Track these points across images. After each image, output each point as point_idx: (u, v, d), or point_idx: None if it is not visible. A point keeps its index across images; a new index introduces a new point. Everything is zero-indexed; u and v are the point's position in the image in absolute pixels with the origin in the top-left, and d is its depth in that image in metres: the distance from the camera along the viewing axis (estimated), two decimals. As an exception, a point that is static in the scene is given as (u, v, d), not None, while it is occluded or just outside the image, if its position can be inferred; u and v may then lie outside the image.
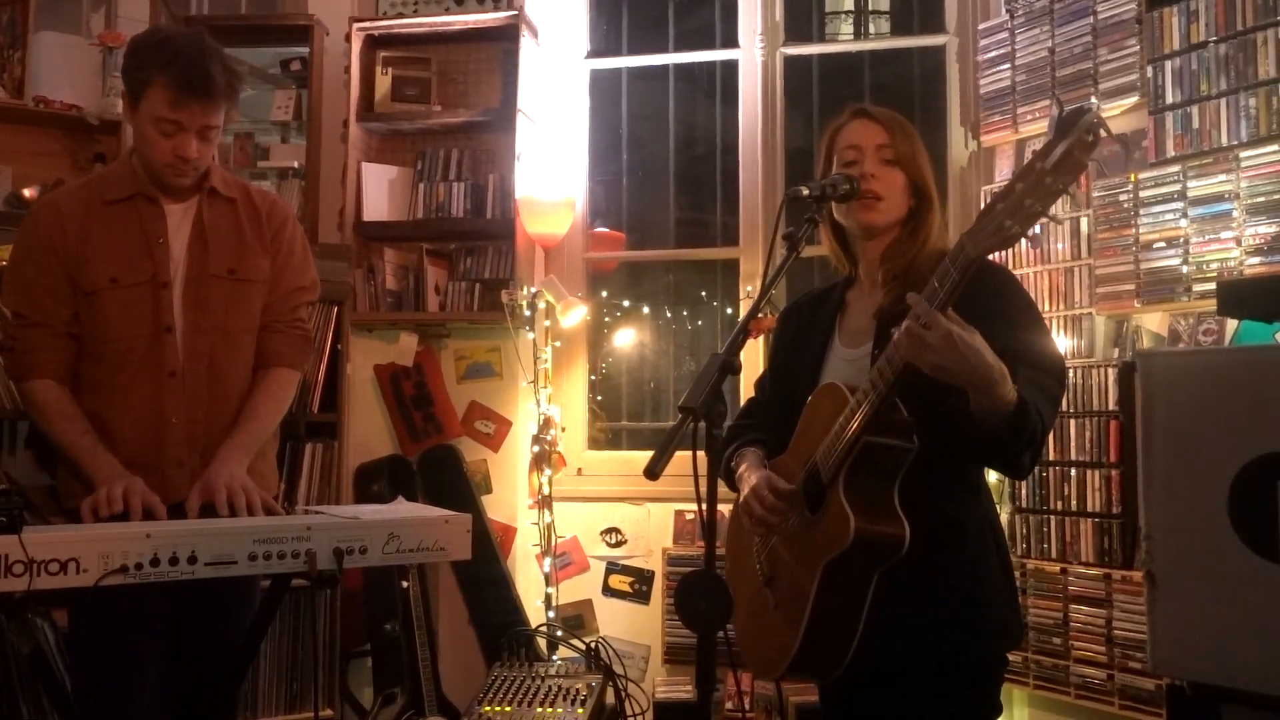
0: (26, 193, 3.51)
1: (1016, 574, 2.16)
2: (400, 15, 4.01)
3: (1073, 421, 3.09)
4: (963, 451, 1.77)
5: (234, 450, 2.18)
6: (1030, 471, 1.74)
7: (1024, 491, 3.25)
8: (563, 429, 3.84)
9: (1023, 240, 1.51)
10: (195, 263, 2.22)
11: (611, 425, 4.61)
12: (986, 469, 1.92)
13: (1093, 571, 3.05)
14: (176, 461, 2.17)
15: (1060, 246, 3.27)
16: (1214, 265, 2.87)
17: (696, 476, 1.60)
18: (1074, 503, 3.10)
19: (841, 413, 1.72)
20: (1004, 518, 3.15)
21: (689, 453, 1.60)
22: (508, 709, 3.07)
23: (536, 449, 3.73)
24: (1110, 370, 3.04)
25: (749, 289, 3.91)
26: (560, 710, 3.05)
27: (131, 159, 2.24)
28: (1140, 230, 3.04)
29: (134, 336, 2.17)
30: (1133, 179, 3.06)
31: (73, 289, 2.16)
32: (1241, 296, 1.96)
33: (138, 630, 2.09)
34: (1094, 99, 3.19)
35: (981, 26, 3.60)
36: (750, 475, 1.90)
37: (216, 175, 2.29)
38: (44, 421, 2.15)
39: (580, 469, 3.99)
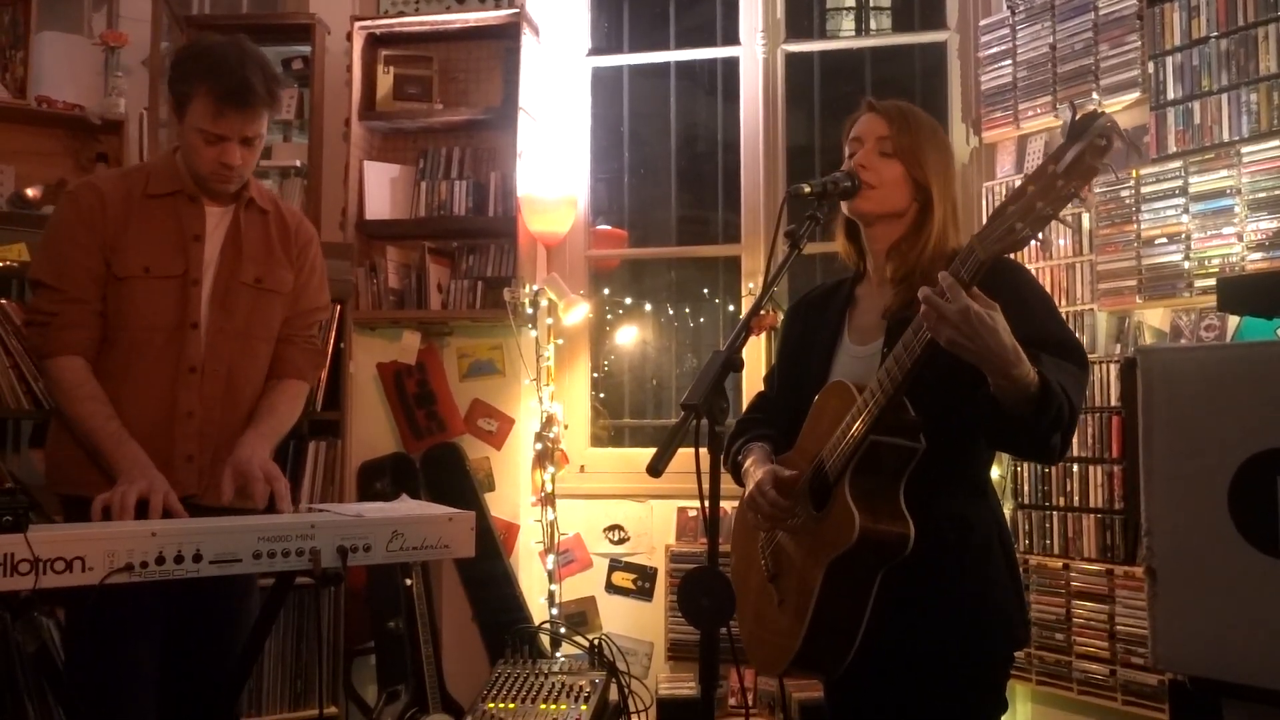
0: (29, 192, 3.52)
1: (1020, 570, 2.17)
2: (401, 14, 4.02)
3: (1075, 417, 3.09)
4: (990, 440, 1.77)
5: (258, 438, 2.22)
6: (1063, 455, 1.72)
7: (1026, 487, 3.25)
8: (565, 426, 3.85)
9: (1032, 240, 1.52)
10: (226, 267, 2.27)
11: (614, 422, 4.61)
12: (990, 469, 1.93)
13: (1095, 567, 3.05)
14: (186, 456, 2.19)
15: (1062, 243, 3.27)
16: (1215, 261, 2.87)
17: (699, 473, 1.61)
18: (1076, 498, 3.10)
19: (849, 411, 1.73)
20: (1006, 513, 3.16)
21: (691, 450, 1.61)
22: (511, 706, 3.07)
23: (539, 446, 3.73)
24: (1112, 366, 3.04)
25: (751, 286, 3.91)
26: (564, 707, 3.05)
27: (175, 156, 2.28)
28: (1142, 226, 3.05)
29: (156, 328, 2.19)
30: (1134, 175, 3.06)
31: (106, 271, 2.18)
32: (1241, 293, 1.96)
33: (135, 628, 2.10)
34: (1095, 95, 3.19)
35: (983, 23, 3.60)
36: (756, 470, 1.90)
37: (254, 186, 2.34)
38: (68, 401, 2.15)
39: (583, 466, 3.99)
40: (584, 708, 3.05)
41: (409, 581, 3.45)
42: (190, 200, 2.25)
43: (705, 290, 5.65)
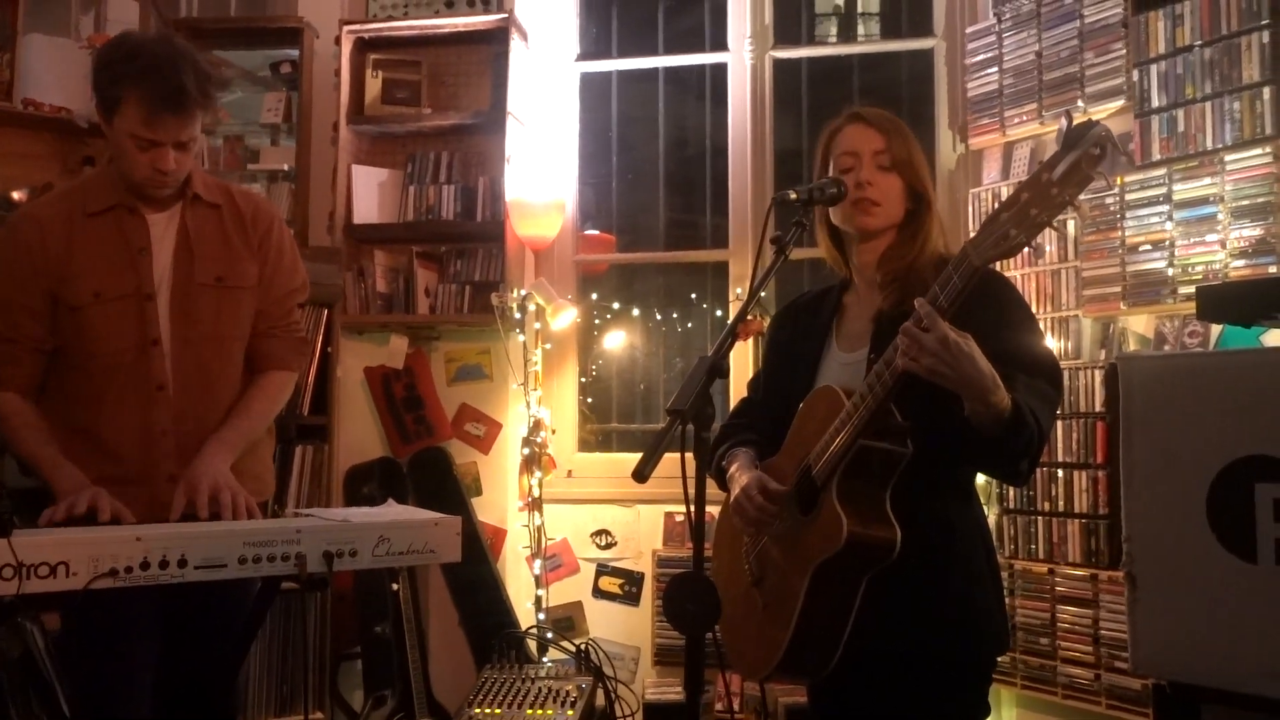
0: (15, 195, 3.51)
1: (1004, 575, 2.19)
2: (390, 18, 4.02)
3: (1060, 423, 3.11)
4: (962, 458, 1.79)
5: (219, 447, 2.16)
6: (1029, 478, 1.76)
7: (1012, 493, 3.26)
8: (553, 431, 3.85)
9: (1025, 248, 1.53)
10: (181, 272, 2.19)
11: (602, 427, 4.62)
12: (976, 474, 1.94)
13: (1080, 572, 3.07)
14: (168, 475, 2.14)
15: (1048, 249, 3.29)
16: (1199, 268, 2.89)
17: (685, 479, 1.61)
18: (1061, 504, 3.12)
19: (837, 416, 1.73)
20: (992, 519, 3.17)
21: (678, 455, 1.61)
22: (498, 711, 3.07)
23: (527, 451, 3.73)
24: (1097, 372, 3.06)
25: (739, 291, 3.92)
26: (550, 712, 3.05)
27: (111, 168, 2.21)
28: (1126, 233, 3.07)
29: (120, 350, 2.14)
30: (1119, 182, 3.08)
31: (51, 304, 2.14)
32: (1220, 301, 1.97)
33: (131, 632, 2.09)
34: (1080, 102, 3.21)
35: (969, 30, 3.62)
36: (741, 475, 1.91)
37: (198, 180, 2.24)
38: (7, 431, 2.14)
39: (570, 471, 3.99)
40: (570, 713, 3.05)
41: (396, 586, 3.44)
42: (130, 212, 2.17)
43: (693, 295, 5.66)
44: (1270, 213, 2.74)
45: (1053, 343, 3.22)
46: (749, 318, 1.90)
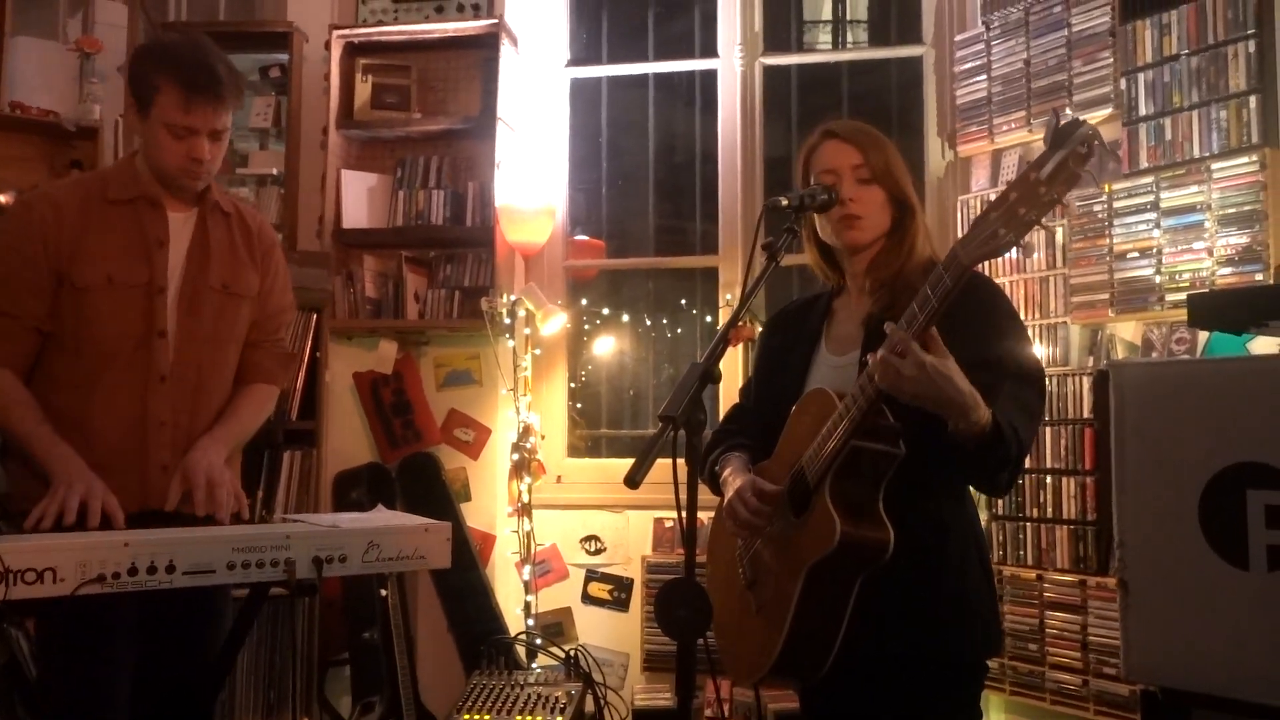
0: (2, 198, 3.49)
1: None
2: (380, 23, 4.02)
3: (1048, 429, 3.12)
4: (946, 465, 1.80)
5: (213, 441, 2.19)
6: (1008, 490, 1.78)
7: (1000, 498, 3.27)
8: (542, 437, 3.84)
9: (1014, 248, 1.54)
10: (193, 272, 2.23)
11: (591, 433, 4.62)
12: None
13: (1068, 578, 3.07)
14: (161, 465, 2.16)
15: (1036, 256, 3.30)
16: (1186, 275, 2.91)
17: (676, 485, 1.61)
18: (1050, 510, 3.13)
19: (829, 418, 1.74)
20: (981, 524, 3.18)
21: (669, 461, 1.61)
22: (487, 717, 3.06)
23: (516, 457, 3.73)
24: (1085, 379, 3.07)
25: (728, 297, 3.93)
26: (539, 718, 3.05)
27: (134, 162, 2.24)
28: (1114, 240, 3.08)
29: (123, 337, 2.16)
30: (1107, 189, 3.10)
31: (55, 284, 2.14)
32: (1210, 308, 1.98)
33: (109, 638, 2.07)
34: (1068, 110, 3.23)
35: (958, 38, 3.63)
36: (734, 479, 1.92)
37: (215, 188, 2.30)
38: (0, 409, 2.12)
39: (560, 476, 3.99)
40: (560, 719, 3.04)
41: (384, 592, 3.43)
42: (152, 205, 2.21)
43: (683, 301, 5.67)
44: (1256, 221, 2.76)
45: (1041, 350, 3.23)
46: (740, 324, 1.90)
